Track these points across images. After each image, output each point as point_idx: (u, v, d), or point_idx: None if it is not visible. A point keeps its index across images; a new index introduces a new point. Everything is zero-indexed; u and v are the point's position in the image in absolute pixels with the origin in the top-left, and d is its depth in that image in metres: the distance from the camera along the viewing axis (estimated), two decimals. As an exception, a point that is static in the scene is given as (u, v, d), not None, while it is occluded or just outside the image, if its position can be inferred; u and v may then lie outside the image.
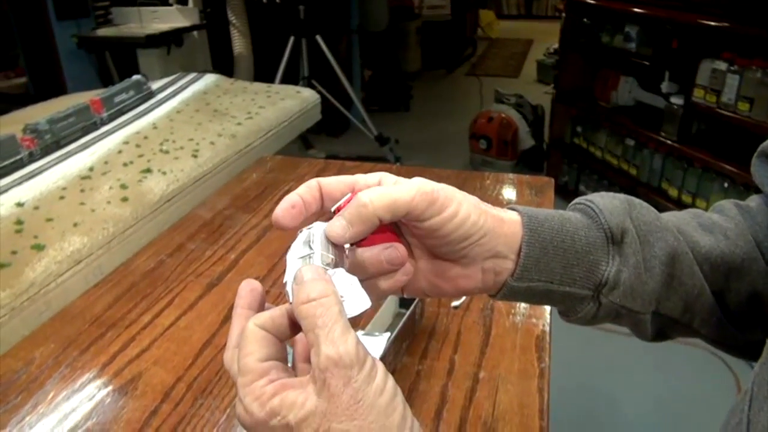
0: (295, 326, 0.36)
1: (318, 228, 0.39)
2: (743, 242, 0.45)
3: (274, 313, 0.36)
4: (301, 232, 0.40)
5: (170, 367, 0.83)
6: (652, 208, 0.45)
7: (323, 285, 0.34)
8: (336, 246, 0.39)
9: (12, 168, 1.44)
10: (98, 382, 0.80)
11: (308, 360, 0.34)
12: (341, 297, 0.36)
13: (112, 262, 1.19)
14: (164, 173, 1.50)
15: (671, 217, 0.46)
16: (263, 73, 3.58)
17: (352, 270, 0.39)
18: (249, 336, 0.35)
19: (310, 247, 0.38)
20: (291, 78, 3.52)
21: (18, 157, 1.46)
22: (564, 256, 0.41)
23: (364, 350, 0.33)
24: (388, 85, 5.10)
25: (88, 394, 0.78)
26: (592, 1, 3.00)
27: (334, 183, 0.41)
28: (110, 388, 0.79)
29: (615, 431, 1.89)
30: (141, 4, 3.27)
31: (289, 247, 0.39)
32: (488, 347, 0.85)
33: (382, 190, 0.38)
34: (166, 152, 1.62)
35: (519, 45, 7.51)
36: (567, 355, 1.94)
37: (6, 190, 1.34)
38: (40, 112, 1.73)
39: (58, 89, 2.88)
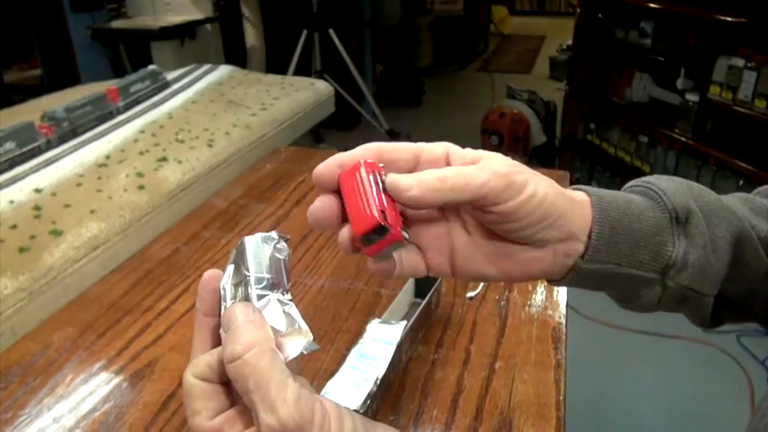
0: None
1: (249, 243, 0.34)
2: None
3: (211, 360, 0.32)
4: (232, 251, 0.36)
5: (186, 353, 0.82)
6: (710, 189, 0.43)
7: (251, 333, 0.31)
8: (274, 261, 0.34)
9: (30, 155, 1.45)
10: (115, 366, 0.81)
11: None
12: (280, 333, 0.32)
13: (128, 249, 1.20)
14: (180, 162, 1.50)
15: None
16: (276, 68, 3.59)
17: None
18: (192, 392, 0.32)
19: (245, 270, 0.34)
20: (303, 72, 3.53)
21: (36, 144, 1.47)
22: (632, 236, 0.39)
23: (308, 399, 0.30)
24: (400, 80, 5.10)
25: (106, 378, 0.78)
26: (608, -3, 2.99)
27: (396, 149, 0.37)
28: (127, 372, 0.80)
29: (626, 429, 1.89)
30: (155, -3, 3.28)
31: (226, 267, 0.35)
32: (504, 338, 0.85)
33: (456, 170, 0.35)
34: (182, 141, 1.62)
35: (531, 41, 7.47)
36: (579, 352, 1.93)
37: (24, 177, 1.35)
38: (56, 101, 1.74)
39: (72, 81, 2.90)
